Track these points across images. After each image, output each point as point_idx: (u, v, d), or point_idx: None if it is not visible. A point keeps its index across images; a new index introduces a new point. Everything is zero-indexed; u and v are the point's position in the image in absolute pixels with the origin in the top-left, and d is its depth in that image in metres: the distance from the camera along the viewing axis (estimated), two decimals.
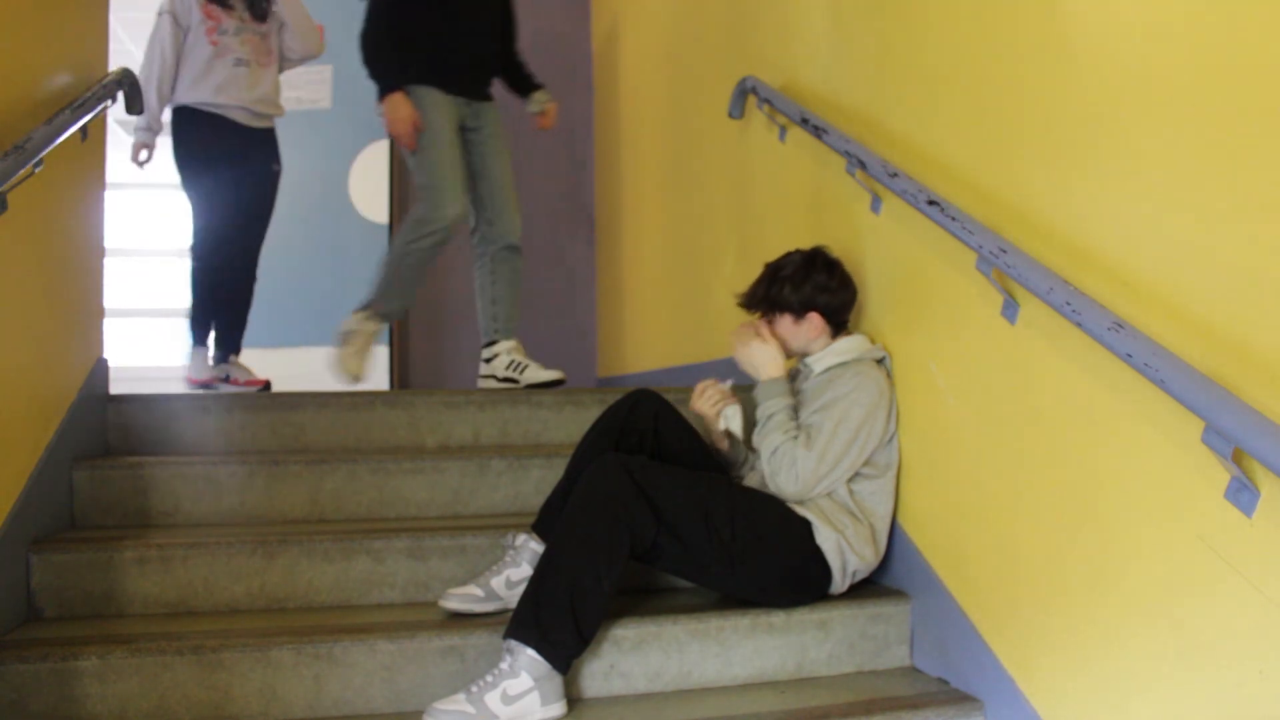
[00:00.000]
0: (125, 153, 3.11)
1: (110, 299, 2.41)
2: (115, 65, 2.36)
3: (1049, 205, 1.54)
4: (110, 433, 2.34)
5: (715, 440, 2.12)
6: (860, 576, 1.90)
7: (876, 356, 1.99)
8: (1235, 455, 1.15)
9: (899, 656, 1.90)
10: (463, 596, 1.80)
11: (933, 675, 1.84)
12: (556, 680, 1.58)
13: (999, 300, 1.64)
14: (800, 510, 1.83)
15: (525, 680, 1.55)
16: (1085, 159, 1.46)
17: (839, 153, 2.12)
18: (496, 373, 3.02)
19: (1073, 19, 1.49)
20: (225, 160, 3.05)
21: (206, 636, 1.64)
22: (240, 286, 3.20)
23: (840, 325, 2.03)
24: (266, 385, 3.13)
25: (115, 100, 2.26)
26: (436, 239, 2.80)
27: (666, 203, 3.85)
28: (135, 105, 2.37)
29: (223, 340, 3.21)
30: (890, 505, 1.93)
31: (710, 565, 1.77)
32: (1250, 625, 1.15)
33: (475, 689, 1.55)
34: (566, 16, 5.20)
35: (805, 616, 1.83)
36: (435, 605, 1.84)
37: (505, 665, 1.56)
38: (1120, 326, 1.29)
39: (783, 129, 2.58)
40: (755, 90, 2.60)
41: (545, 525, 1.87)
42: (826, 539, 1.81)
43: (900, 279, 2.01)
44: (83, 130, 2.08)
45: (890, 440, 1.94)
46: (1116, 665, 1.37)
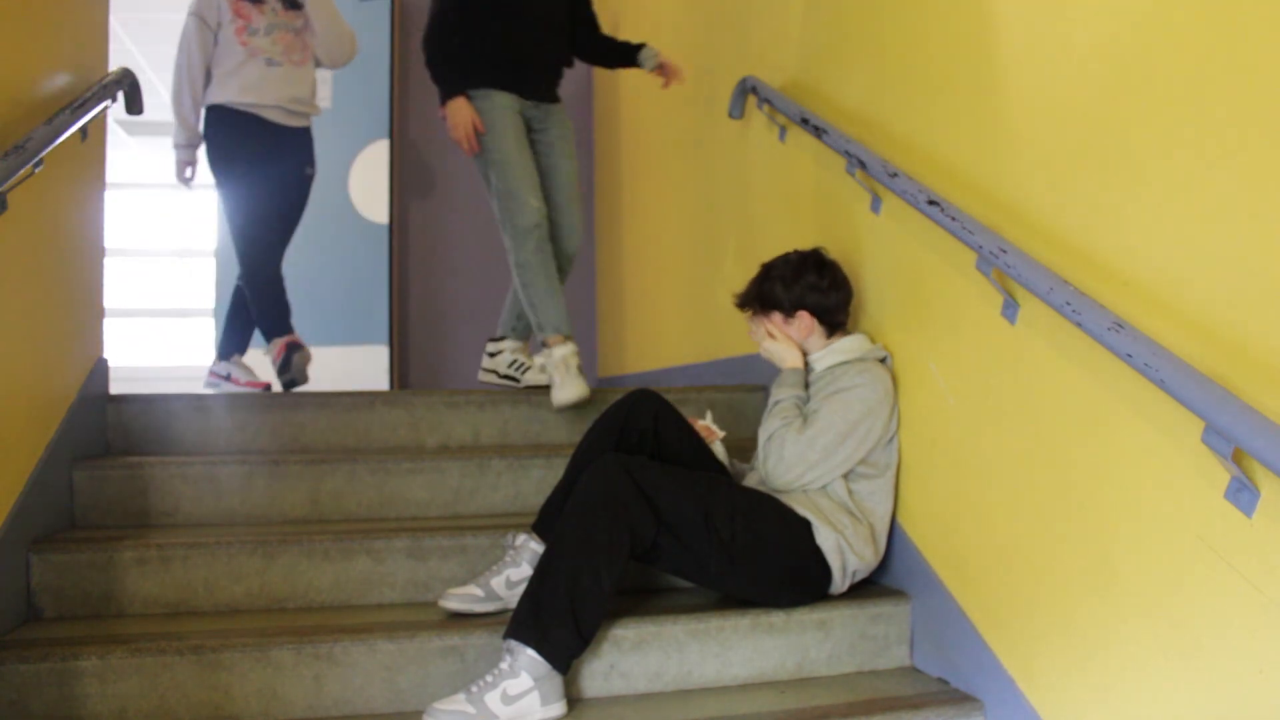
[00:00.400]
0: (125, 152, 3.11)
1: (110, 299, 2.41)
2: (115, 65, 2.36)
3: (1049, 205, 1.54)
4: (110, 433, 2.34)
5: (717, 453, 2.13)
6: (860, 576, 1.90)
7: (879, 356, 2.00)
8: (1235, 455, 1.15)
9: (899, 656, 1.90)
10: (463, 596, 1.80)
11: (933, 675, 1.84)
12: (556, 680, 1.58)
13: (999, 300, 1.64)
14: (800, 510, 1.83)
15: (525, 680, 1.55)
16: (1085, 159, 1.46)
17: (839, 153, 2.12)
18: (498, 369, 2.98)
19: (1073, 18, 1.49)
20: (259, 160, 2.95)
21: (206, 636, 1.65)
22: (260, 288, 3.08)
23: (835, 326, 2.04)
24: (267, 387, 3.07)
25: (115, 100, 2.25)
26: (536, 238, 2.65)
27: (667, 203, 3.85)
28: (135, 105, 2.37)
29: (229, 339, 3.16)
30: (890, 505, 1.94)
31: (710, 565, 1.77)
32: (1249, 625, 1.15)
33: (475, 689, 1.55)
34: None
35: (805, 616, 1.83)
36: (435, 605, 1.84)
37: (505, 665, 1.56)
38: (1120, 326, 1.29)
39: (783, 129, 2.58)
40: (755, 90, 2.60)
41: (545, 525, 1.87)
42: (826, 539, 1.81)
43: (900, 279, 2.01)
44: (83, 130, 2.08)
45: (890, 440, 1.94)
46: (1116, 665, 1.37)
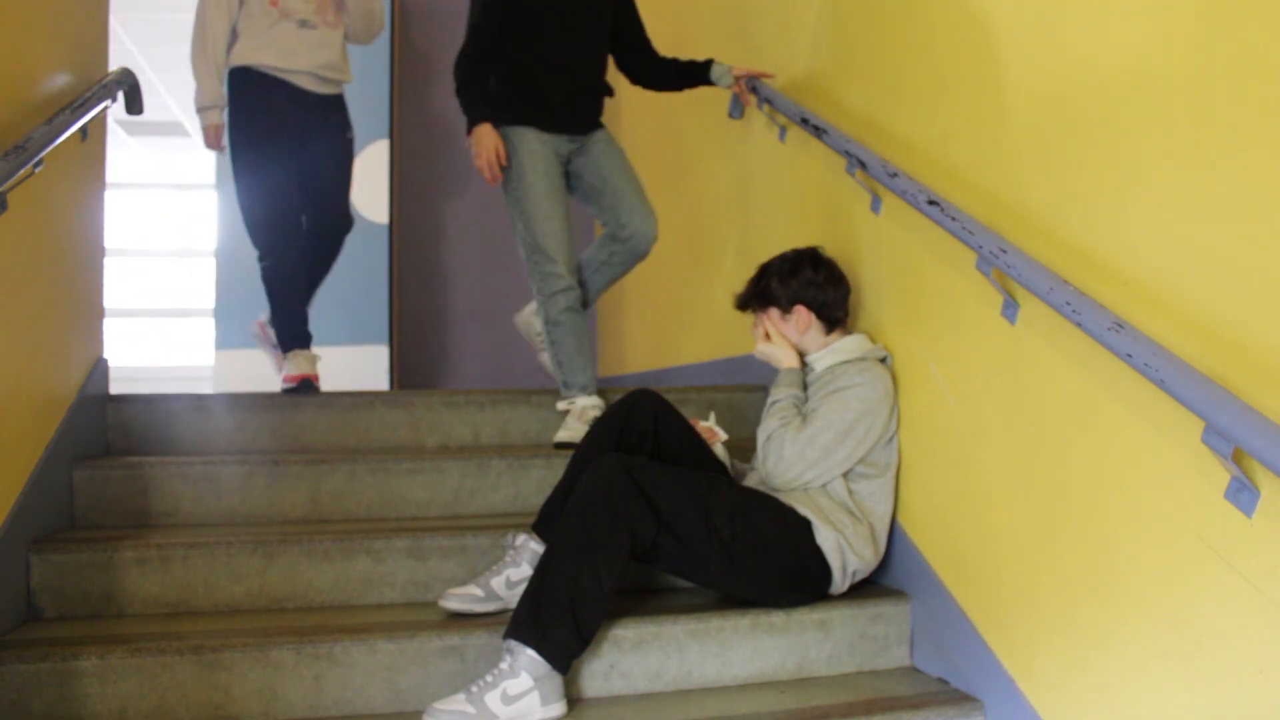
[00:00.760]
0: (125, 152, 3.06)
1: (110, 299, 2.41)
2: (115, 65, 2.36)
3: (1049, 205, 1.54)
4: (110, 433, 2.34)
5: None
6: (860, 576, 1.90)
7: (879, 356, 2.00)
8: (1235, 455, 1.15)
9: (899, 656, 1.90)
10: (463, 596, 1.80)
11: (933, 675, 1.84)
12: (556, 680, 1.58)
13: (999, 300, 1.64)
14: (800, 510, 1.83)
15: (525, 680, 1.54)
16: (1085, 159, 1.46)
17: (839, 153, 2.12)
18: (536, 325, 2.78)
19: (1073, 18, 1.49)
20: (288, 131, 2.71)
21: (206, 636, 1.64)
22: (316, 276, 2.85)
23: (834, 322, 2.04)
24: (303, 383, 2.71)
25: (115, 100, 2.25)
26: (567, 299, 2.52)
27: (666, 202, 3.85)
28: (135, 105, 2.37)
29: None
30: (890, 505, 1.94)
31: (710, 565, 1.77)
32: (1249, 625, 1.15)
33: (475, 689, 1.55)
34: None
35: (805, 616, 1.83)
36: (435, 605, 1.84)
37: (505, 665, 1.56)
38: (1120, 326, 1.29)
39: (783, 129, 2.58)
40: (755, 90, 2.60)
41: (545, 525, 1.87)
42: (826, 539, 1.81)
43: (900, 279, 2.01)
44: (83, 130, 2.08)
45: (890, 440, 1.94)
46: (1116, 665, 1.37)
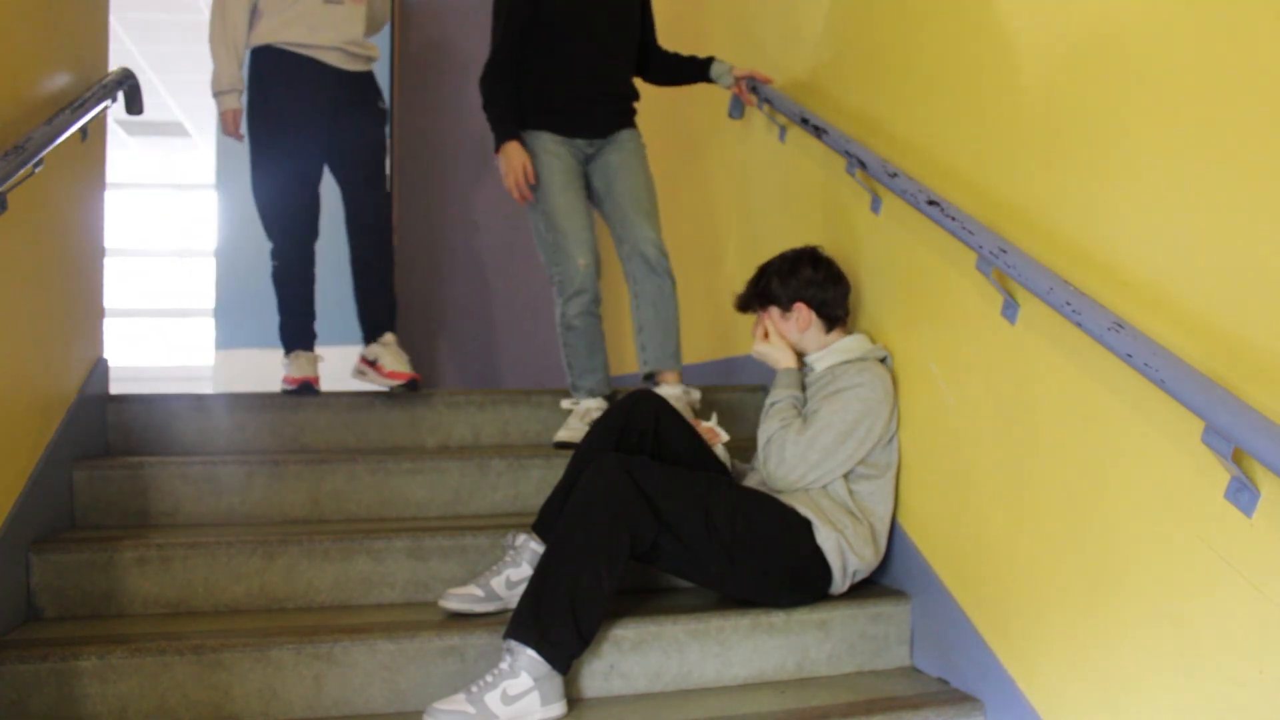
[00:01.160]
0: (125, 152, 3.02)
1: (110, 299, 2.41)
2: (115, 65, 2.36)
3: (1049, 205, 1.54)
4: (110, 433, 2.34)
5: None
6: (860, 576, 1.90)
7: (879, 356, 2.00)
8: (1235, 455, 1.15)
9: (899, 656, 1.90)
10: (463, 597, 1.80)
11: (933, 675, 1.84)
12: (556, 680, 1.58)
13: (999, 300, 1.64)
14: (801, 510, 1.83)
15: (525, 680, 1.54)
16: (1085, 159, 1.46)
17: (839, 153, 2.12)
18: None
19: (1073, 18, 1.49)
20: (320, 111, 2.57)
21: (206, 636, 1.64)
22: (369, 257, 2.67)
23: (834, 321, 2.04)
24: (410, 382, 2.53)
25: (115, 100, 2.25)
26: (583, 300, 2.45)
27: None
28: (135, 105, 2.37)
29: (366, 316, 2.69)
30: (890, 505, 1.94)
31: (710, 565, 1.77)
32: (1250, 625, 1.15)
33: (475, 689, 1.55)
34: None
35: (805, 616, 1.83)
36: (435, 605, 1.84)
37: (505, 665, 1.56)
38: (1120, 326, 1.29)
39: (783, 129, 2.58)
40: (755, 90, 2.60)
41: (545, 525, 1.87)
42: (827, 539, 1.81)
43: (900, 279, 2.01)
44: (83, 130, 2.08)
45: (890, 440, 1.94)
46: (1116, 665, 1.37)
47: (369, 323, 2.68)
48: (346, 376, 2.75)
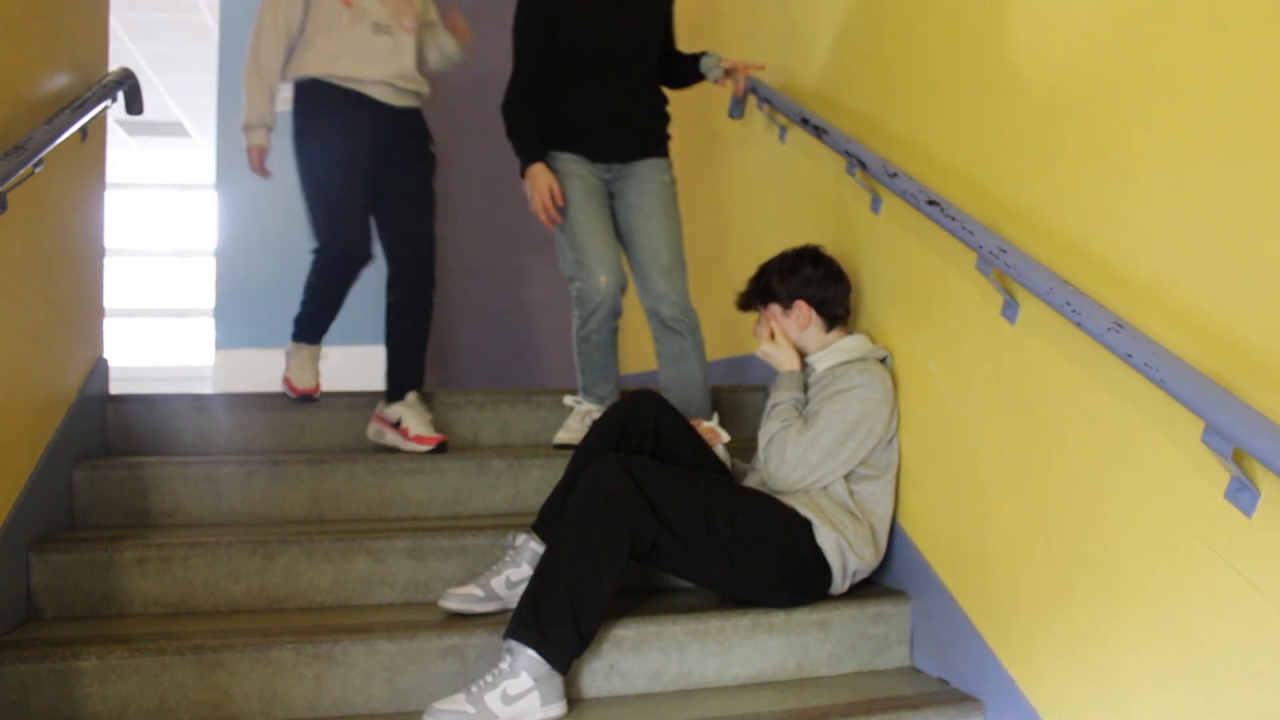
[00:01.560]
0: (125, 152, 2.99)
1: (110, 299, 2.41)
2: (115, 65, 2.36)
3: (1049, 205, 1.54)
4: (110, 433, 2.34)
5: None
6: (860, 577, 1.90)
7: (879, 356, 2.00)
8: (1235, 455, 1.15)
9: (899, 656, 1.90)
10: (463, 597, 1.80)
11: (933, 675, 1.83)
12: (556, 680, 1.58)
13: (999, 300, 1.64)
14: (801, 510, 1.83)
15: (525, 680, 1.54)
16: (1085, 159, 1.46)
17: (839, 153, 2.12)
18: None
19: (1074, 18, 1.49)
20: (366, 148, 2.46)
21: (206, 636, 1.64)
22: (410, 304, 2.56)
23: (834, 320, 2.04)
24: (441, 446, 2.40)
25: (115, 100, 2.25)
26: (601, 316, 2.40)
27: None
28: (135, 105, 2.37)
29: (394, 374, 2.53)
30: (890, 505, 1.94)
31: (710, 565, 1.77)
32: (1250, 625, 1.15)
33: (475, 689, 1.55)
34: None
35: (805, 616, 1.83)
36: (435, 605, 1.84)
37: (505, 665, 1.56)
38: (1120, 326, 1.29)
39: (783, 129, 2.58)
40: (755, 90, 2.60)
41: (545, 525, 1.87)
42: (827, 539, 1.81)
43: (900, 279, 2.01)
44: (83, 130, 2.08)
45: (890, 441, 1.94)
46: (1116, 665, 1.37)
47: (395, 382, 2.51)
48: (347, 376, 2.75)
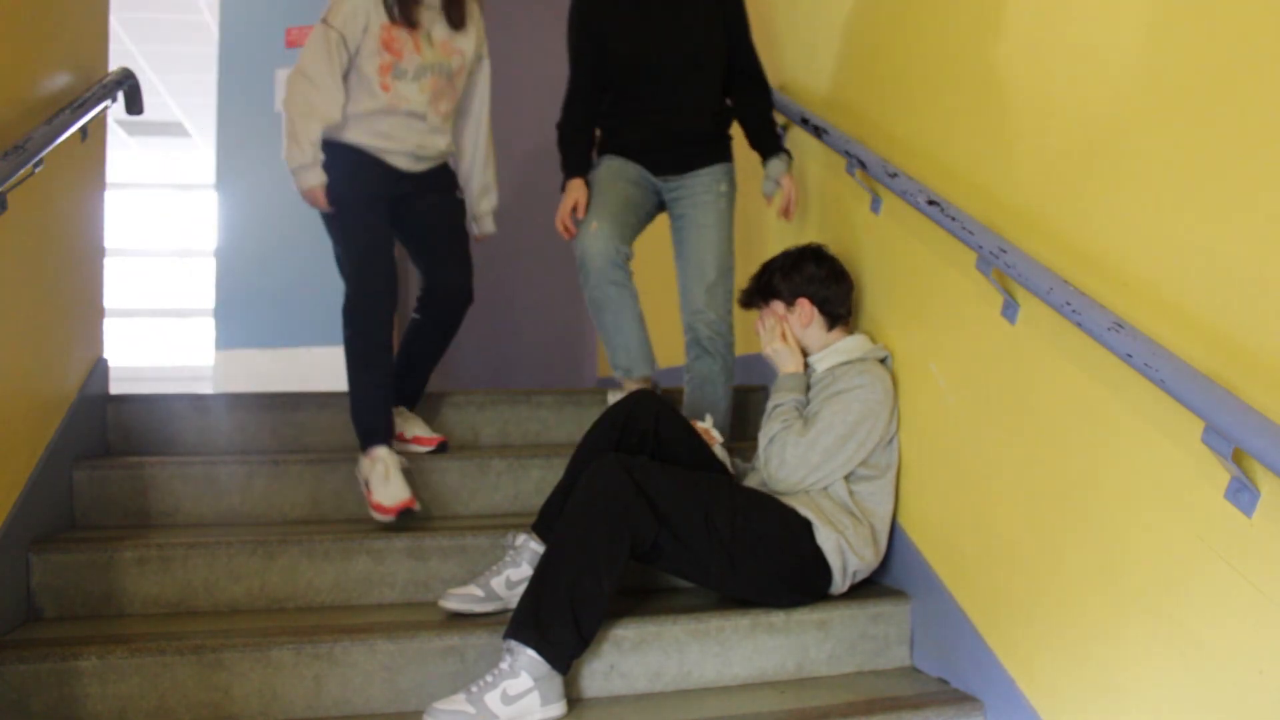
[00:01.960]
0: (125, 152, 2.97)
1: (110, 299, 2.41)
2: (115, 65, 2.36)
3: (1049, 205, 1.54)
4: (110, 433, 2.34)
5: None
6: (860, 577, 1.90)
7: (879, 356, 2.00)
8: (1235, 455, 1.15)
9: (899, 656, 1.90)
10: (463, 597, 1.80)
11: (933, 675, 1.84)
12: (556, 680, 1.58)
13: (999, 300, 1.64)
14: (801, 510, 1.83)
15: (525, 680, 1.54)
16: (1085, 159, 1.46)
17: (839, 153, 2.12)
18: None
19: (1074, 19, 1.49)
20: (382, 198, 2.33)
21: (206, 636, 1.64)
22: (428, 327, 2.48)
23: (836, 318, 2.04)
24: (442, 446, 2.41)
25: (115, 100, 2.25)
26: (596, 264, 2.29)
27: None
28: (135, 105, 2.37)
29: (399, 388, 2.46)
30: (890, 506, 1.94)
31: (710, 565, 1.77)
32: (1250, 625, 1.15)
33: (475, 689, 1.55)
34: (565, 18, 5.18)
35: (805, 616, 1.83)
36: (435, 605, 1.84)
37: (505, 665, 1.56)
38: (1120, 326, 1.29)
39: (783, 129, 2.58)
40: None
41: (545, 525, 1.87)
42: (827, 539, 1.81)
43: (900, 279, 2.01)
44: (83, 130, 2.09)
45: (891, 441, 1.94)
46: (1117, 665, 1.37)
47: (408, 391, 2.48)
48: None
